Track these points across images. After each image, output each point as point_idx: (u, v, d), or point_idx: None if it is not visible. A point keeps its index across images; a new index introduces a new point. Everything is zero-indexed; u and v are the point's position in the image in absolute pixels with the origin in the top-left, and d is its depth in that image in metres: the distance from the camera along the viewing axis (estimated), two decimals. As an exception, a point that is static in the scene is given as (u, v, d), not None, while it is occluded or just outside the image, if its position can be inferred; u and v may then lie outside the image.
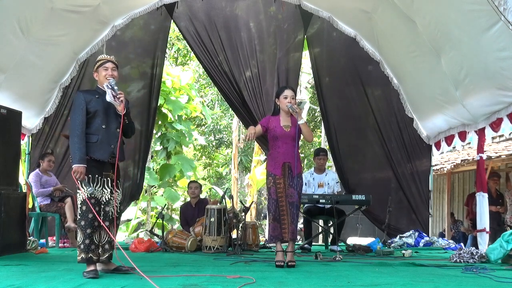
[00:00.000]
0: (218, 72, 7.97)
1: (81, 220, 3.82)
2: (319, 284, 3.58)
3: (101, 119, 3.93)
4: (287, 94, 4.80)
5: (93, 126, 3.91)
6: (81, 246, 3.82)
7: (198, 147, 18.97)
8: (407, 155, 8.07)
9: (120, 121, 3.96)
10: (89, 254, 3.82)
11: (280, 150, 4.76)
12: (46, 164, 6.81)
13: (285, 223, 4.63)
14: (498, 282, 3.80)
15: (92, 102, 3.93)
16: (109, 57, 4.09)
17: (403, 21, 6.24)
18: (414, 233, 7.53)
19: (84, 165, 3.80)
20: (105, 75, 3.99)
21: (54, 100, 7.53)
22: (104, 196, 3.93)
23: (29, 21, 5.82)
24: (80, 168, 3.78)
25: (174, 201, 12.66)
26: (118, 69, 4.11)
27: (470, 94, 5.94)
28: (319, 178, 7.06)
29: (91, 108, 3.91)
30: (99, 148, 3.89)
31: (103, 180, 3.93)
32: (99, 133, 3.92)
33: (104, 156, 3.92)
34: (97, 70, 4.05)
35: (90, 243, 3.83)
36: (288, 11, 7.87)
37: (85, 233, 3.82)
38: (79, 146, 3.81)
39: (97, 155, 3.89)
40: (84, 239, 3.82)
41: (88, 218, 3.81)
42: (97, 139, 3.90)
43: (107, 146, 3.93)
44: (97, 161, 3.89)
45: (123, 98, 3.95)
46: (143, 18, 7.76)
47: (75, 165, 3.78)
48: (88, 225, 3.81)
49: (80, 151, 3.80)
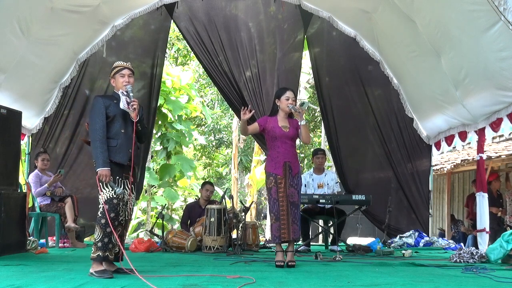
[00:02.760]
0: (218, 72, 7.97)
1: (102, 218, 3.86)
2: (319, 284, 3.58)
3: (120, 124, 4.01)
4: (289, 95, 4.81)
5: (112, 131, 3.98)
6: (99, 244, 3.85)
7: (198, 147, 18.97)
8: (407, 155, 8.07)
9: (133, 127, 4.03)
10: (106, 252, 3.86)
11: (280, 150, 4.77)
12: (41, 163, 6.75)
13: (284, 223, 4.64)
14: (498, 282, 3.80)
15: (111, 107, 3.99)
16: (126, 64, 4.15)
17: (403, 21, 6.25)
18: (414, 233, 7.54)
19: (109, 168, 3.87)
20: (123, 82, 4.05)
21: (54, 100, 7.54)
22: (125, 197, 4.00)
23: (29, 21, 5.82)
24: (105, 171, 3.85)
25: (174, 201, 12.67)
26: (134, 75, 4.17)
27: (470, 94, 5.94)
28: (318, 179, 7.05)
29: (110, 112, 3.97)
30: (119, 152, 3.97)
31: (123, 182, 4.00)
32: (119, 137, 3.99)
33: (124, 159, 3.99)
34: (114, 76, 4.11)
35: (109, 242, 3.87)
36: (288, 11, 7.87)
37: (104, 231, 3.85)
38: (101, 150, 3.88)
39: (117, 158, 3.95)
40: (103, 237, 3.85)
41: (110, 217, 3.84)
42: (116, 143, 3.97)
43: (126, 150, 4.01)
44: (117, 164, 3.96)
45: (136, 105, 4.02)
46: (143, 18, 7.77)
47: (99, 169, 3.84)
48: (108, 224, 3.83)
49: (103, 155, 3.87)
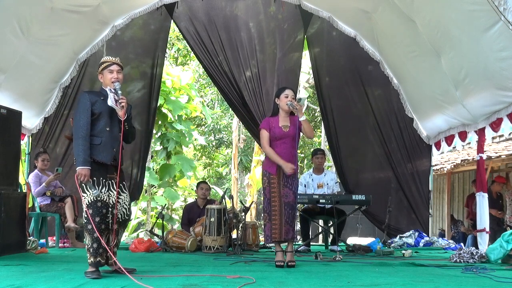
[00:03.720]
0: (218, 72, 7.96)
1: (88, 224, 3.77)
2: (319, 284, 3.58)
3: (105, 121, 3.89)
4: (288, 93, 4.81)
5: (97, 128, 3.87)
6: (90, 250, 3.79)
7: (198, 147, 18.95)
8: (407, 155, 8.07)
9: (121, 126, 3.93)
10: (97, 258, 3.80)
11: (278, 150, 4.75)
12: (41, 164, 6.74)
13: (276, 223, 4.61)
14: (498, 282, 3.80)
15: (98, 103, 3.87)
16: (114, 59, 4.02)
17: (403, 21, 6.24)
18: (414, 233, 7.53)
19: (89, 167, 3.77)
20: (111, 78, 3.93)
21: (54, 100, 7.53)
22: (111, 198, 3.89)
23: (29, 21, 5.82)
24: (84, 170, 3.74)
25: (174, 201, 12.67)
26: (123, 70, 4.06)
27: (470, 94, 5.94)
28: (318, 179, 7.05)
29: (96, 109, 3.86)
30: (102, 151, 3.85)
31: (107, 182, 3.89)
32: (103, 135, 3.88)
33: (107, 158, 3.88)
34: (102, 72, 3.99)
35: (98, 247, 3.79)
36: (288, 11, 7.86)
37: (92, 236, 3.78)
38: (83, 148, 3.76)
39: (100, 157, 3.84)
40: (92, 243, 3.78)
41: (95, 221, 3.76)
42: (100, 141, 3.86)
43: (110, 149, 3.89)
44: (100, 163, 3.85)
45: (125, 103, 3.90)
46: (143, 18, 7.76)
47: (79, 167, 3.73)
48: (95, 228, 3.75)
49: (84, 153, 3.76)
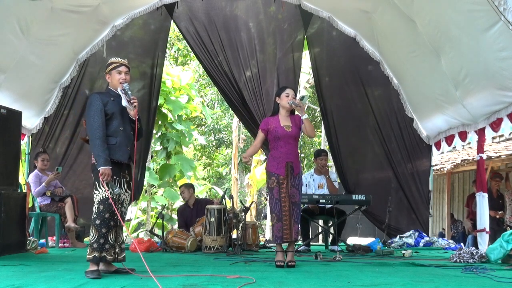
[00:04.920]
0: (218, 72, 7.97)
1: (97, 219, 3.81)
2: (319, 284, 3.59)
3: (118, 121, 3.95)
4: (289, 92, 4.81)
5: (111, 128, 3.92)
6: (94, 245, 3.80)
7: (198, 147, 18.96)
8: (407, 155, 8.07)
9: (131, 124, 4.00)
10: (103, 253, 3.82)
11: (283, 150, 4.74)
12: (40, 164, 6.73)
13: (287, 223, 4.63)
14: (498, 282, 3.80)
15: (109, 104, 3.93)
16: (122, 60, 4.07)
17: (403, 21, 6.25)
18: (414, 233, 7.53)
19: (110, 166, 3.82)
20: (119, 79, 3.99)
21: (54, 100, 7.53)
22: (121, 196, 3.96)
23: (29, 21, 5.82)
24: (107, 170, 3.80)
25: (174, 201, 12.67)
26: (130, 72, 4.12)
27: (470, 94, 5.94)
28: (319, 179, 7.04)
29: (109, 110, 3.91)
30: (118, 150, 3.92)
31: (120, 181, 3.96)
32: (118, 135, 3.94)
33: (124, 157, 3.95)
34: (110, 72, 4.04)
35: (105, 243, 3.82)
36: (288, 11, 7.86)
37: (100, 232, 3.80)
38: (102, 149, 3.82)
39: (117, 157, 3.91)
40: (98, 238, 3.80)
41: (104, 217, 3.80)
42: (116, 141, 3.92)
43: (125, 148, 3.96)
44: (115, 162, 3.91)
45: (137, 103, 3.98)
46: (143, 18, 7.76)
47: (101, 167, 3.78)
48: (103, 224, 3.80)
49: (104, 153, 3.81)
